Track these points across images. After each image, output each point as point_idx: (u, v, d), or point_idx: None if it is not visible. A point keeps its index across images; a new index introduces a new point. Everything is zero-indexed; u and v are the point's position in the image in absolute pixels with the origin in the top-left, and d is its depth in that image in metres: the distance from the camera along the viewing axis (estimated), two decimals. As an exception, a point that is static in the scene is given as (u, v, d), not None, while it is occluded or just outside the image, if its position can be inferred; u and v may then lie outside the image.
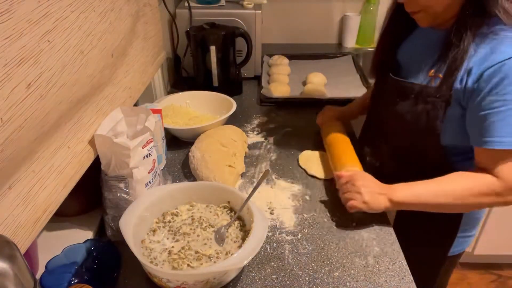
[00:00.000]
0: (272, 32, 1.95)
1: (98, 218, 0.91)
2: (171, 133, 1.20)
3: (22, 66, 0.55)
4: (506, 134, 0.77)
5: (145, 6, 1.10)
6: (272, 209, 0.96)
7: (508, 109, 0.75)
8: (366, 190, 0.86)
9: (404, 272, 0.80)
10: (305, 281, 0.78)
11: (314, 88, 1.45)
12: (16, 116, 0.55)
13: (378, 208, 0.86)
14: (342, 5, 1.91)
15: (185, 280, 0.70)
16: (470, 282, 1.96)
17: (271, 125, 1.30)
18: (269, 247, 0.86)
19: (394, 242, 0.87)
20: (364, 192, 0.86)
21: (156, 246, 0.80)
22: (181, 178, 1.07)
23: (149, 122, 0.86)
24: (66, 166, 0.72)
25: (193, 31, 1.39)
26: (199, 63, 1.43)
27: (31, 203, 0.62)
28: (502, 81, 0.75)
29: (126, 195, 0.83)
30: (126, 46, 0.97)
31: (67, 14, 0.66)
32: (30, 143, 0.60)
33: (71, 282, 0.76)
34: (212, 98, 1.30)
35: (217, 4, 1.54)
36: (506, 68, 0.74)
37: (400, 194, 0.86)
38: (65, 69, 0.66)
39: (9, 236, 0.58)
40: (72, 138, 0.74)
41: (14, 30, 0.53)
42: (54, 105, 0.64)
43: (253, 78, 1.62)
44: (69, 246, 0.78)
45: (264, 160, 1.13)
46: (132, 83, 1.02)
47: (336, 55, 1.78)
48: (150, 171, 0.86)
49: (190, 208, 0.89)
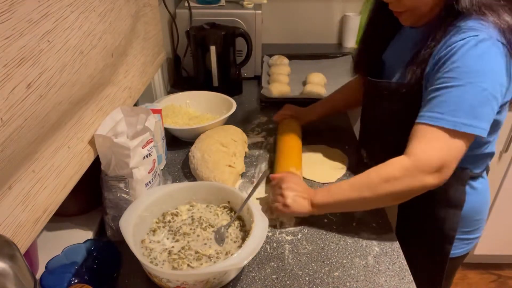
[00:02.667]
0: (272, 32, 1.95)
1: (98, 218, 0.91)
2: (171, 133, 1.20)
3: (22, 66, 0.55)
4: (436, 109, 0.75)
5: (145, 6, 1.10)
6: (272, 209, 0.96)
7: (447, 87, 0.75)
8: (290, 193, 0.86)
9: (404, 272, 0.80)
10: (305, 281, 0.78)
11: (314, 88, 1.45)
12: (16, 116, 0.55)
13: (300, 211, 0.86)
14: (342, 5, 1.91)
15: (185, 280, 0.70)
16: (470, 282, 1.96)
17: (271, 125, 1.30)
18: (269, 247, 0.86)
19: (394, 242, 0.87)
20: (287, 195, 0.86)
21: (156, 246, 0.80)
22: (181, 178, 1.07)
23: (149, 122, 0.86)
24: (66, 166, 0.72)
25: (193, 31, 1.39)
26: (199, 63, 1.44)
27: (31, 203, 0.62)
28: (449, 59, 0.75)
29: (126, 195, 0.83)
30: (126, 46, 0.97)
31: (67, 14, 0.66)
32: (30, 143, 0.60)
33: (71, 282, 0.76)
34: (212, 98, 1.30)
35: (217, 4, 1.54)
36: (454, 49, 0.75)
37: (319, 196, 0.85)
38: (65, 69, 0.66)
39: (9, 236, 0.58)
40: (72, 138, 0.74)
41: (14, 30, 0.53)
42: (54, 105, 0.64)
43: (253, 78, 1.62)
44: (69, 246, 0.78)
45: (264, 160, 1.13)
46: (132, 83, 1.02)
47: (336, 55, 1.78)
48: (150, 171, 0.86)
49: (190, 208, 0.89)
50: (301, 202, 0.86)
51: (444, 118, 0.74)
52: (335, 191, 0.85)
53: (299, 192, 0.87)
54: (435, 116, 0.75)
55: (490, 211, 1.79)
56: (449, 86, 0.75)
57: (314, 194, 0.87)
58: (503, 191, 1.74)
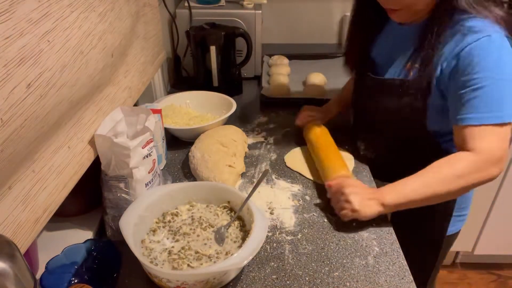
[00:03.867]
0: (272, 32, 1.94)
1: (98, 218, 0.91)
2: (171, 133, 1.20)
3: (22, 66, 0.55)
4: (479, 110, 0.80)
5: (145, 6, 1.10)
6: (272, 209, 0.96)
7: (481, 87, 0.79)
8: (355, 198, 0.85)
9: (404, 272, 0.80)
10: (305, 281, 0.78)
11: (314, 88, 1.45)
12: (16, 116, 0.55)
13: (371, 214, 0.85)
14: (342, 5, 1.91)
15: (185, 280, 0.70)
16: (470, 282, 1.96)
17: (271, 125, 1.30)
18: (269, 247, 0.86)
19: (394, 242, 0.87)
20: (353, 200, 0.85)
21: (156, 246, 0.80)
22: (181, 178, 1.07)
23: (149, 122, 0.86)
24: (66, 166, 0.72)
25: (193, 31, 1.39)
26: (199, 63, 1.44)
27: (31, 203, 0.62)
28: (472, 61, 0.80)
29: (126, 195, 0.83)
30: (126, 46, 0.97)
31: (67, 14, 0.66)
32: (30, 143, 0.60)
33: (71, 282, 0.76)
34: (212, 98, 1.30)
35: (217, 4, 1.54)
36: (476, 49, 0.79)
37: (390, 196, 0.85)
38: (65, 69, 0.66)
39: (9, 236, 0.58)
40: (72, 138, 0.74)
41: (14, 30, 0.53)
42: (54, 105, 0.64)
43: (253, 78, 1.62)
44: (69, 246, 0.78)
45: (264, 160, 1.13)
46: (132, 83, 1.02)
47: (336, 55, 1.77)
48: (150, 171, 0.86)
49: (190, 208, 0.89)
50: (369, 204, 0.85)
51: (491, 115, 0.80)
52: (405, 189, 0.85)
53: (364, 194, 0.87)
54: (482, 116, 0.80)
55: (490, 211, 1.80)
56: (482, 86, 0.79)
57: (381, 194, 0.86)
58: (503, 191, 1.74)
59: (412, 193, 0.84)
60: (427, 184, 0.84)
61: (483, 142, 0.81)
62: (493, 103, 0.80)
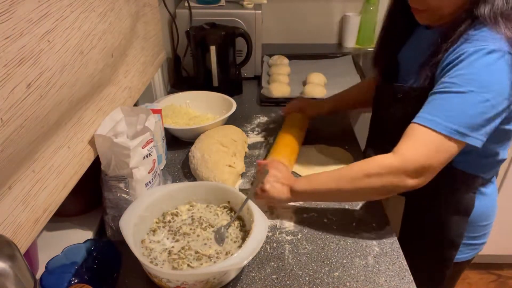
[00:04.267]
0: (272, 32, 1.95)
1: (98, 218, 0.91)
2: (171, 133, 1.20)
3: (22, 66, 0.55)
4: (435, 113, 0.75)
5: (145, 6, 1.10)
6: (272, 209, 0.96)
7: (448, 92, 0.75)
8: (270, 179, 0.87)
9: (404, 272, 0.80)
10: (305, 281, 0.78)
11: (314, 88, 1.45)
12: (16, 116, 0.55)
13: (278, 197, 0.87)
14: (342, 5, 1.91)
15: (185, 280, 0.70)
16: (470, 282, 1.96)
17: (271, 125, 1.30)
18: (269, 247, 0.86)
19: (394, 242, 0.87)
20: (266, 181, 0.86)
21: (156, 246, 0.80)
22: (181, 178, 1.07)
23: (149, 122, 0.86)
24: (66, 166, 0.72)
25: (193, 31, 1.39)
26: (199, 63, 1.44)
27: (31, 203, 0.62)
28: (455, 66, 0.75)
29: (126, 195, 0.83)
30: (126, 46, 0.97)
31: (67, 14, 0.66)
32: (30, 143, 0.60)
33: (71, 282, 0.76)
34: (212, 98, 1.30)
35: (217, 4, 1.54)
36: (463, 56, 0.75)
37: (300, 184, 0.86)
38: (65, 69, 0.66)
39: (9, 236, 0.58)
40: (72, 138, 0.74)
41: (14, 30, 0.53)
42: (54, 105, 0.64)
43: (253, 78, 1.62)
44: (69, 246, 0.78)
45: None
46: (132, 83, 1.02)
47: (336, 55, 1.78)
48: (150, 171, 0.86)
49: (190, 208, 0.89)
50: (280, 188, 0.86)
51: (440, 122, 0.74)
52: (315, 180, 0.85)
53: (279, 178, 0.87)
54: (432, 119, 0.75)
55: (490, 211, 1.79)
56: (451, 91, 0.74)
57: (295, 181, 0.87)
58: (504, 192, 1.74)
59: (320, 185, 0.84)
60: (336, 178, 0.83)
61: (413, 146, 0.75)
62: (450, 112, 0.74)
